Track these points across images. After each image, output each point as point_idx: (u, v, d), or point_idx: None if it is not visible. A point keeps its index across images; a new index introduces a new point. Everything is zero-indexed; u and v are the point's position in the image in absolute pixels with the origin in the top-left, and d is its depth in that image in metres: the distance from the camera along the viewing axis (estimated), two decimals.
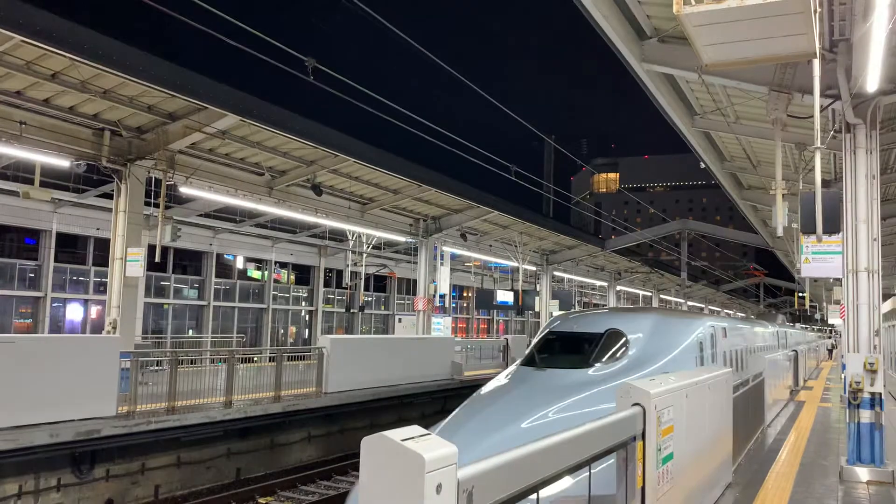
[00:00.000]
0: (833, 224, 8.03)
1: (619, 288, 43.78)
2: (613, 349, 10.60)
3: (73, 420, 11.16)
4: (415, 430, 2.67)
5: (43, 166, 14.86)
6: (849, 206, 8.88)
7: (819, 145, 6.98)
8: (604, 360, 10.38)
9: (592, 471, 4.44)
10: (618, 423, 4.92)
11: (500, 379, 10.74)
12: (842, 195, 8.89)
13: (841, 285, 18.19)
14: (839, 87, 8.60)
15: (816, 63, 6.71)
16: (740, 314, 64.70)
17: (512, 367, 11.15)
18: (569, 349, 10.94)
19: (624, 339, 10.75)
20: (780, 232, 9.95)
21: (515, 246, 29.79)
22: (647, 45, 10.31)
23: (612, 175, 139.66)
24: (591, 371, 10.13)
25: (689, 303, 50.52)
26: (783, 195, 10.23)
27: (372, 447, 2.59)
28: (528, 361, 10.90)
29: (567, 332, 11.48)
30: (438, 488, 2.53)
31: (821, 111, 7.70)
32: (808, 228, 7.83)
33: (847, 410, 9.47)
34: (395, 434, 2.58)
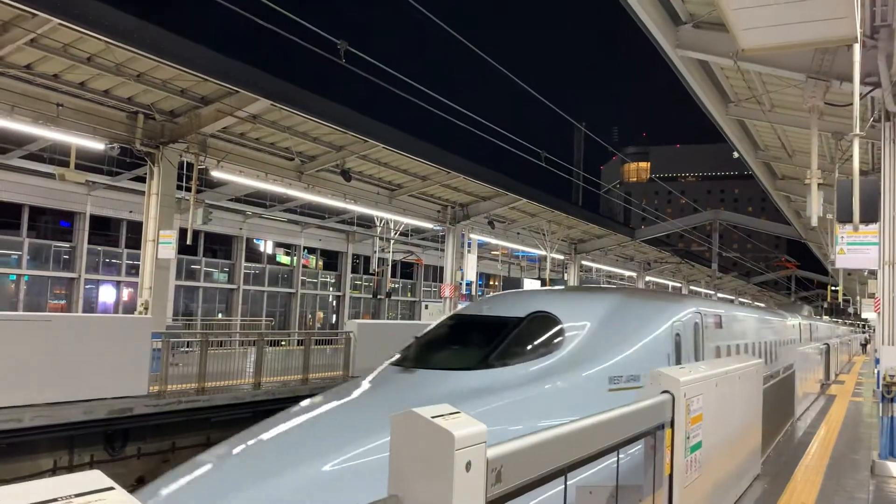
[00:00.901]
0: (870, 213, 7.86)
1: (648, 278, 43.43)
2: (534, 342, 7.70)
3: (106, 398, 11.37)
4: (444, 408, 2.68)
5: (78, 149, 15.10)
6: (887, 196, 8.68)
7: (858, 132, 6.83)
8: (513, 356, 7.41)
9: (620, 457, 4.43)
10: (647, 410, 4.90)
11: (349, 386, 7.63)
12: (879, 184, 8.70)
13: (876, 278, 17.87)
14: (879, 74, 8.40)
15: (857, 48, 6.56)
16: (760, 304, 61.06)
17: (379, 368, 7.83)
18: (466, 341, 8.02)
19: (556, 327, 7.82)
20: (814, 222, 9.77)
21: (543, 234, 29.66)
22: (682, 30, 10.16)
23: (642, 164, 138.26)
24: (484, 373, 7.06)
25: (720, 294, 49.94)
26: (818, 185, 10.04)
27: (401, 424, 2.60)
28: (400, 358, 7.79)
29: (474, 316, 8.61)
30: (468, 466, 2.54)
31: (860, 99, 7.54)
32: (845, 217, 7.68)
33: (880, 404, 9.31)
34: (425, 411, 2.59)
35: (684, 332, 9.18)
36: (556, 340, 7.69)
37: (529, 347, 7.61)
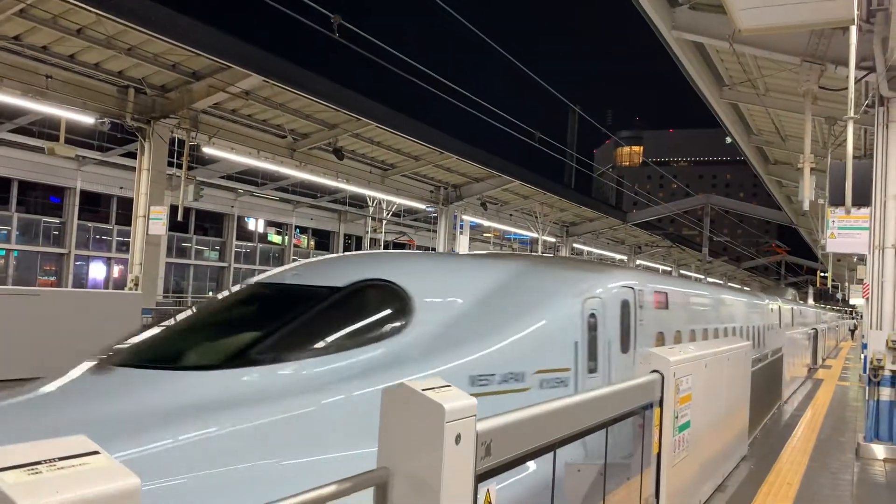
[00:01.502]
0: (863, 196, 7.88)
1: (638, 262, 43.56)
2: (345, 325, 5.10)
3: None
4: (435, 381, 2.68)
5: (68, 124, 14.94)
6: (878, 181, 8.70)
7: (853, 115, 6.82)
8: (295, 348, 4.71)
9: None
10: (636, 389, 4.92)
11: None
12: (872, 168, 8.72)
13: (865, 264, 17.97)
14: (875, 58, 8.39)
15: (853, 30, 6.54)
16: (735, 285, 55.40)
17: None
18: (241, 322, 5.37)
19: (392, 304, 5.33)
20: (806, 206, 9.79)
21: (536, 217, 29.66)
22: (678, 12, 10.10)
23: (635, 148, 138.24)
24: (228, 375, 4.42)
25: (710, 279, 50.13)
26: (811, 169, 10.05)
27: (392, 397, 2.60)
28: (124, 351, 5.11)
29: (274, 284, 5.90)
30: (458, 439, 2.54)
31: (855, 83, 7.52)
32: (837, 200, 7.70)
33: (867, 388, 9.40)
34: (416, 384, 2.58)
35: (604, 312, 6.80)
36: (387, 324, 5.15)
37: (333, 334, 4.93)
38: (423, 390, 2.55)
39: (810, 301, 54.78)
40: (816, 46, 9.18)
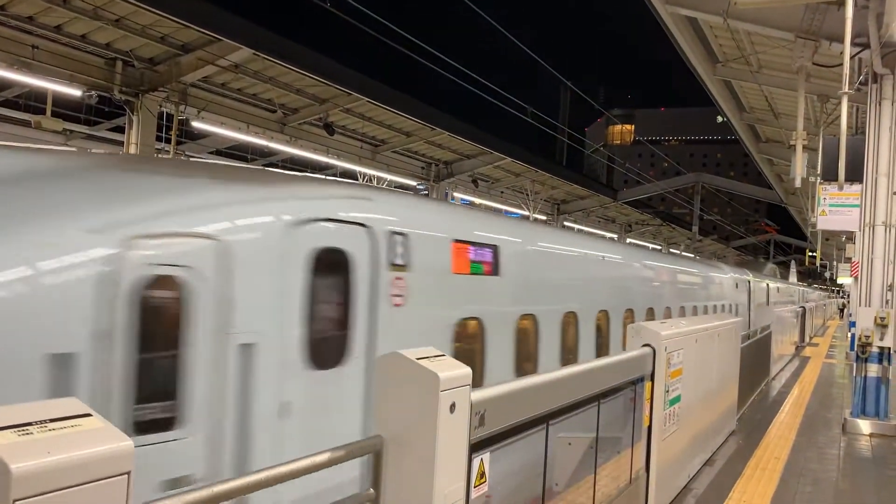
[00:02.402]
0: (856, 172, 7.89)
1: (629, 241, 43.65)
2: None
3: None
4: (429, 350, 2.66)
5: (55, 97, 14.72)
6: (870, 158, 8.71)
7: (847, 90, 6.81)
8: None
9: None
10: (628, 362, 4.93)
11: None
12: (864, 146, 8.73)
13: (854, 242, 18.06)
14: (869, 34, 8.37)
15: (849, 4, 6.50)
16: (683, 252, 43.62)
17: None
18: None
19: None
20: (798, 183, 9.81)
21: (527, 194, 29.61)
22: None
23: (627, 126, 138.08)
24: None
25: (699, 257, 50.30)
26: (803, 147, 10.06)
27: (387, 366, 2.58)
28: None
29: None
30: (452, 407, 2.53)
31: (849, 59, 7.50)
32: (830, 175, 7.71)
33: (854, 364, 9.48)
34: (410, 353, 2.57)
35: (221, 275, 3.58)
36: None
37: None
38: (417, 359, 2.54)
39: (792, 279, 53.09)
40: (811, 22, 9.14)
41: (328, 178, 7.38)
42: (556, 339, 7.18)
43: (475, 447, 2.77)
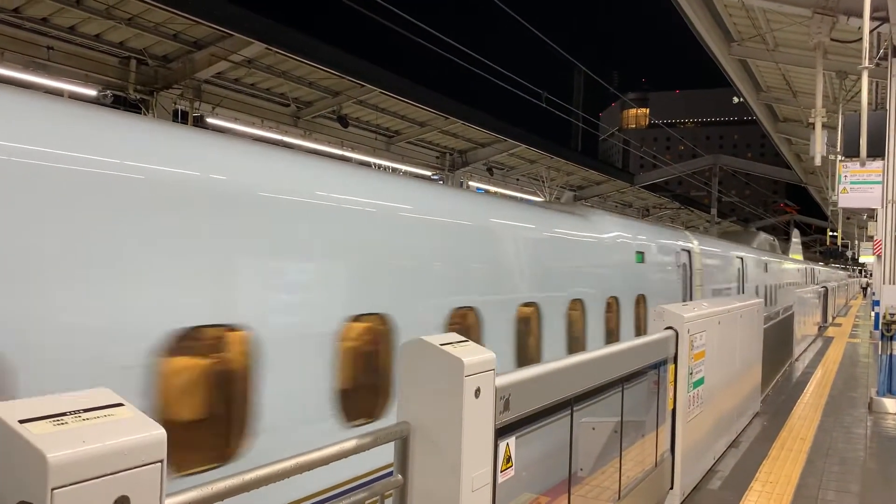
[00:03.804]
0: (877, 147, 7.77)
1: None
2: None
3: None
4: (453, 336, 2.66)
5: (70, 97, 14.84)
6: (892, 133, 8.58)
7: (867, 64, 6.70)
8: None
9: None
10: (651, 345, 4.91)
11: None
12: (886, 120, 8.60)
13: (876, 220, 17.85)
14: (888, 8, 8.23)
15: None
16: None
17: None
18: None
19: None
20: (818, 161, 9.68)
21: (542, 181, 29.48)
22: None
23: (641, 110, 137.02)
24: None
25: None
26: (822, 125, 9.93)
27: (411, 352, 2.59)
28: None
29: None
30: (477, 392, 2.53)
31: (868, 34, 7.38)
32: (851, 151, 7.60)
33: (879, 342, 9.38)
34: (435, 339, 2.57)
35: None
36: None
37: None
38: (441, 345, 2.54)
39: (796, 254, 41.93)
40: None
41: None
42: None
43: (500, 431, 2.78)
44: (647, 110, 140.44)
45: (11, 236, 2.99)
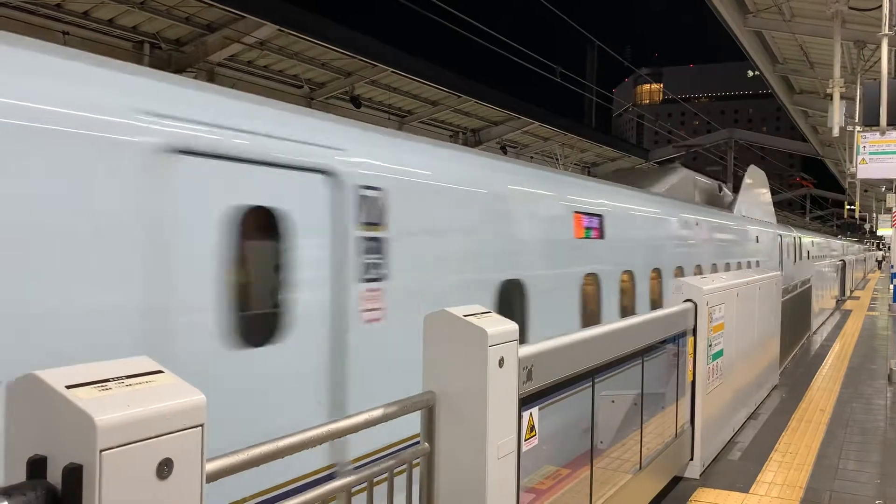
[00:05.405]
0: None
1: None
2: None
3: None
4: (476, 307, 2.70)
5: None
6: None
7: (887, 31, 6.61)
8: None
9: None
10: (670, 317, 4.93)
11: None
12: None
13: (894, 191, 17.62)
14: None
15: None
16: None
17: None
18: None
19: None
20: (835, 132, 9.59)
21: (556, 158, 29.36)
22: None
23: (655, 85, 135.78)
24: None
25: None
26: (840, 95, 9.82)
27: (435, 323, 2.62)
28: None
29: None
30: (501, 362, 2.57)
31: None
32: (871, 120, 7.51)
33: None
34: (458, 310, 2.60)
35: None
36: None
37: None
38: (464, 316, 2.58)
39: (787, 224, 36.60)
40: None
41: None
42: None
43: (524, 401, 2.81)
44: (661, 85, 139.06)
45: None
